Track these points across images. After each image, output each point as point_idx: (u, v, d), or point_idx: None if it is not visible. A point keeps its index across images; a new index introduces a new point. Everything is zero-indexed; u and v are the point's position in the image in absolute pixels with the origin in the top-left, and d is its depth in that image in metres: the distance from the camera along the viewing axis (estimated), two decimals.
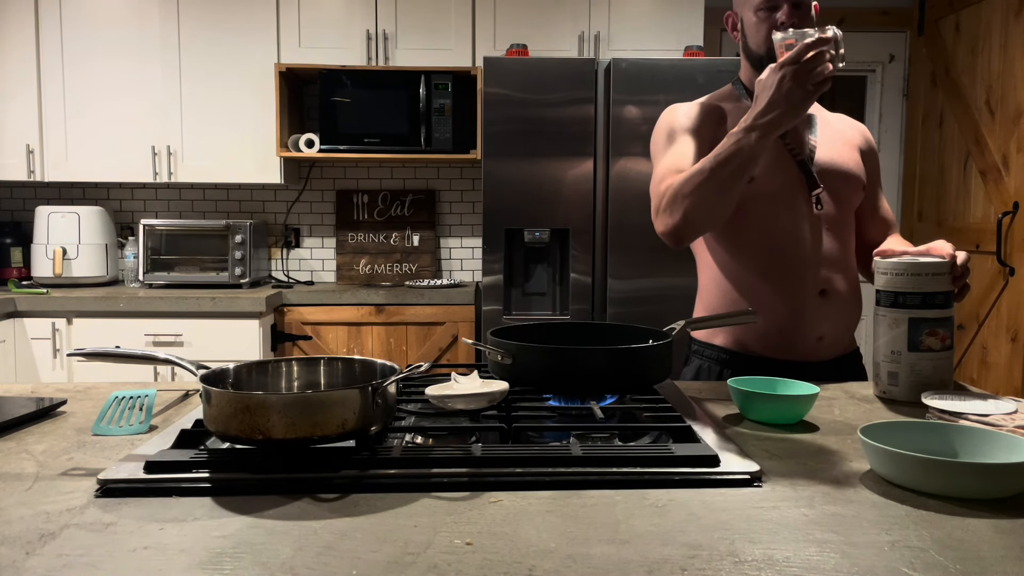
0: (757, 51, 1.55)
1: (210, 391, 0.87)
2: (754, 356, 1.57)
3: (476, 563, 0.66)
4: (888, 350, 1.29)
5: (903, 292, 1.27)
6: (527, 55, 3.04)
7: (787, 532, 0.73)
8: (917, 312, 1.26)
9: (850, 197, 1.59)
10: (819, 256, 1.54)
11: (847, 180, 1.57)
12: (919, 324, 1.26)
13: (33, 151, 3.38)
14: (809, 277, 1.53)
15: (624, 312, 3.02)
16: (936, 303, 1.26)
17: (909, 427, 0.95)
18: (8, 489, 0.85)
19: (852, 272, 1.61)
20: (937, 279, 1.26)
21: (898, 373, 1.28)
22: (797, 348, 1.54)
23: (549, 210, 3.03)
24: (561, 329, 1.38)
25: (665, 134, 1.61)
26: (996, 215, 3.32)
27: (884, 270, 1.30)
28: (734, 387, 1.17)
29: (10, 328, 3.08)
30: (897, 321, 1.28)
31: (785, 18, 1.49)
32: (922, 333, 1.26)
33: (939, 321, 1.26)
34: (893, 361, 1.28)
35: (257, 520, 0.75)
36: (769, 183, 1.54)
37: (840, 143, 1.61)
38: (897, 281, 1.28)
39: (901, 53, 4.01)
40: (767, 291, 1.54)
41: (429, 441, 1.02)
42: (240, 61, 3.40)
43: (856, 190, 1.59)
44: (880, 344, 1.31)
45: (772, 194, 1.54)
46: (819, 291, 1.54)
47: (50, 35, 3.36)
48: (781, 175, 1.55)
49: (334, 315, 3.25)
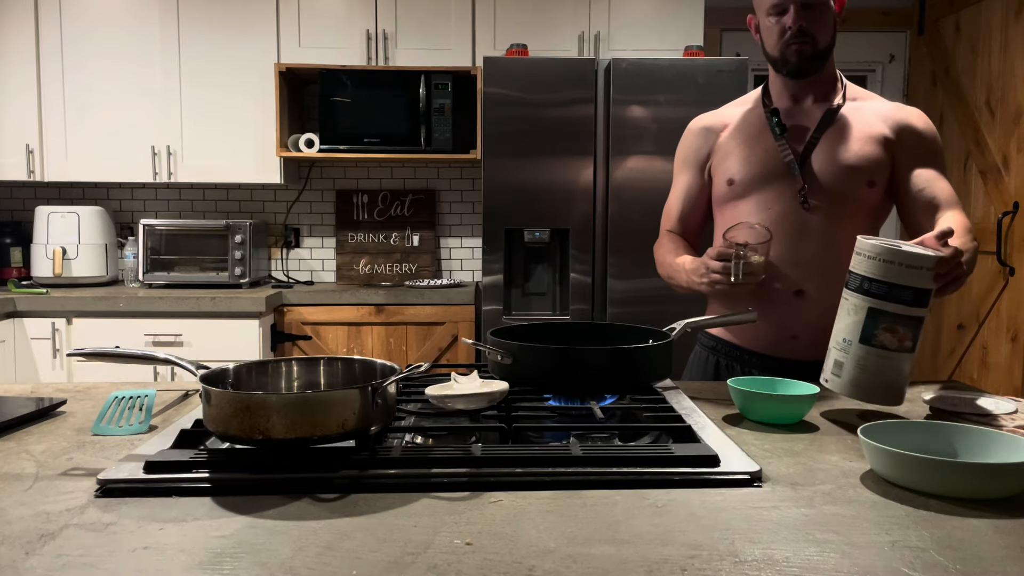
0: (772, 53, 1.55)
1: (210, 391, 0.87)
2: (741, 348, 1.61)
3: (476, 563, 0.66)
4: (841, 336, 1.17)
5: (869, 278, 1.14)
6: (527, 55, 3.04)
7: (787, 532, 0.73)
8: (878, 303, 1.13)
9: (849, 192, 1.54)
10: (798, 256, 1.53)
11: (845, 175, 1.54)
12: (877, 316, 1.13)
13: (33, 151, 3.38)
14: (784, 277, 1.54)
15: (624, 312, 3.02)
16: (903, 298, 1.12)
17: (909, 427, 0.95)
18: (8, 489, 0.84)
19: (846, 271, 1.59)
20: (911, 272, 1.11)
21: (843, 364, 1.16)
22: (773, 346, 1.58)
23: (549, 210, 3.03)
24: (561, 329, 1.38)
25: (678, 159, 1.75)
26: (996, 215, 3.32)
27: (859, 250, 1.17)
28: (734, 387, 1.17)
29: (10, 328, 3.08)
30: (857, 308, 1.15)
31: (791, 22, 1.49)
32: (878, 327, 1.13)
33: (901, 319, 1.12)
34: (842, 350, 1.16)
35: (257, 520, 0.75)
36: (751, 185, 1.57)
37: (851, 135, 1.56)
38: (867, 265, 1.14)
39: (901, 53, 4.01)
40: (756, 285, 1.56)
41: (429, 441, 1.02)
42: (240, 61, 3.40)
43: (857, 183, 1.54)
44: (836, 328, 1.19)
45: (754, 195, 1.57)
46: (794, 291, 1.53)
47: (50, 34, 3.36)
48: (765, 176, 1.56)
49: (334, 315, 3.25)
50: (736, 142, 1.62)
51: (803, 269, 1.53)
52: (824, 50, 1.53)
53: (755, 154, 1.57)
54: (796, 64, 1.53)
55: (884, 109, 1.60)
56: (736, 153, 1.60)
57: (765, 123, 1.60)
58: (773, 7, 1.51)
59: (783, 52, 1.53)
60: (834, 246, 1.53)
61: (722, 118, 1.68)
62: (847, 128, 1.57)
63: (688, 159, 1.70)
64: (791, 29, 1.50)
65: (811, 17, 1.50)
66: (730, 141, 1.63)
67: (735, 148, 1.61)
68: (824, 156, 1.55)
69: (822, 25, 1.51)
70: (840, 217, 1.54)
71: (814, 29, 1.50)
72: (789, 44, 1.51)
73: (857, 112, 1.58)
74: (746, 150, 1.59)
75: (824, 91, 1.59)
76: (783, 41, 1.52)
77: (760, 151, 1.57)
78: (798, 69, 1.54)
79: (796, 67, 1.53)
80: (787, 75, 1.56)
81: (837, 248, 1.53)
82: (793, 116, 1.59)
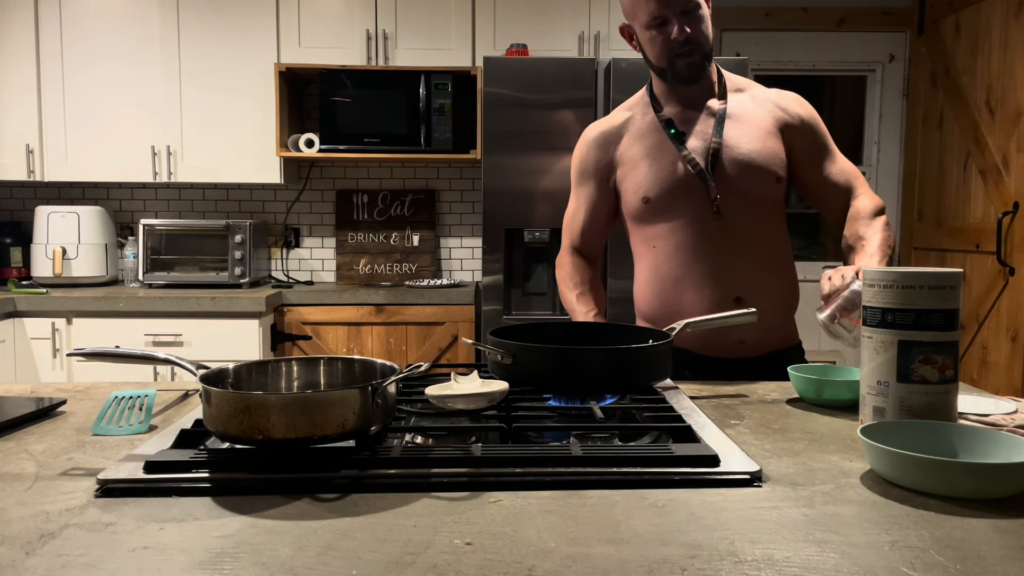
0: (658, 63, 1.53)
1: (210, 391, 0.87)
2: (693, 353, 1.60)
3: (476, 563, 0.66)
4: (874, 380, 1.05)
5: (892, 309, 1.02)
6: (527, 55, 3.04)
7: (787, 532, 0.73)
8: (908, 333, 1.01)
9: (761, 191, 1.53)
10: (730, 263, 1.52)
11: (753, 174, 1.52)
12: (910, 349, 1.01)
13: (33, 151, 3.38)
14: (721, 285, 1.53)
15: (624, 312, 3.02)
16: (933, 323, 1.00)
17: (909, 427, 0.95)
18: (8, 489, 0.84)
19: (779, 270, 1.57)
20: (936, 293, 1.00)
21: (885, 409, 1.04)
22: (723, 349, 1.58)
23: (549, 210, 3.03)
24: (561, 329, 1.38)
25: (576, 170, 1.71)
26: (996, 215, 3.32)
27: (870, 282, 1.05)
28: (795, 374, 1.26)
29: (10, 328, 3.08)
30: (884, 345, 1.03)
31: (677, 33, 1.46)
32: (914, 360, 1.01)
33: (937, 346, 1.01)
34: (879, 394, 1.04)
35: (257, 520, 0.75)
36: (667, 200, 1.55)
37: (749, 133, 1.54)
38: (885, 295, 1.02)
39: (901, 53, 4.01)
40: (685, 298, 1.56)
41: (429, 441, 1.02)
42: (240, 61, 3.40)
43: (767, 181, 1.53)
44: (865, 372, 1.07)
45: (671, 211, 1.55)
46: (734, 298, 1.53)
47: (50, 35, 3.36)
48: (677, 190, 1.54)
49: (334, 315, 3.24)
50: (639, 155, 1.59)
51: (736, 275, 1.53)
52: (709, 52, 1.52)
53: (663, 168, 1.55)
54: (687, 75, 1.51)
55: (768, 98, 1.59)
56: (643, 167, 1.57)
57: (662, 131, 1.57)
58: (653, 19, 1.48)
59: (671, 63, 1.51)
60: (757, 247, 1.53)
61: (616, 126, 1.64)
62: (743, 127, 1.55)
63: (587, 171, 1.67)
64: (677, 40, 1.47)
65: (692, 24, 1.47)
66: (632, 153, 1.60)
67: (640, 161, 1.58)
68: (730, 160, 1.53)
69: (703, 29, 1.49)
70: (755, 217, 1.54)
71: (698, 36, 1.48)
72: (676, 56, 1.49)
73: (745, 107, 1.57)
74: (653, 164, 1.56)
75: (710, 88, 1.57)
76: (670, 53, 1.49)
77: (667, 164, 1.55)
78: (688, 79, 1.52)
79: (687, 77, 1.52)
80: (677, 84, 1.55)
81: (760, 248, 1.54)
82: (687, 122, 1.57)
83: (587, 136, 1.68)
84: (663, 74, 1.55)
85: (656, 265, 1.60)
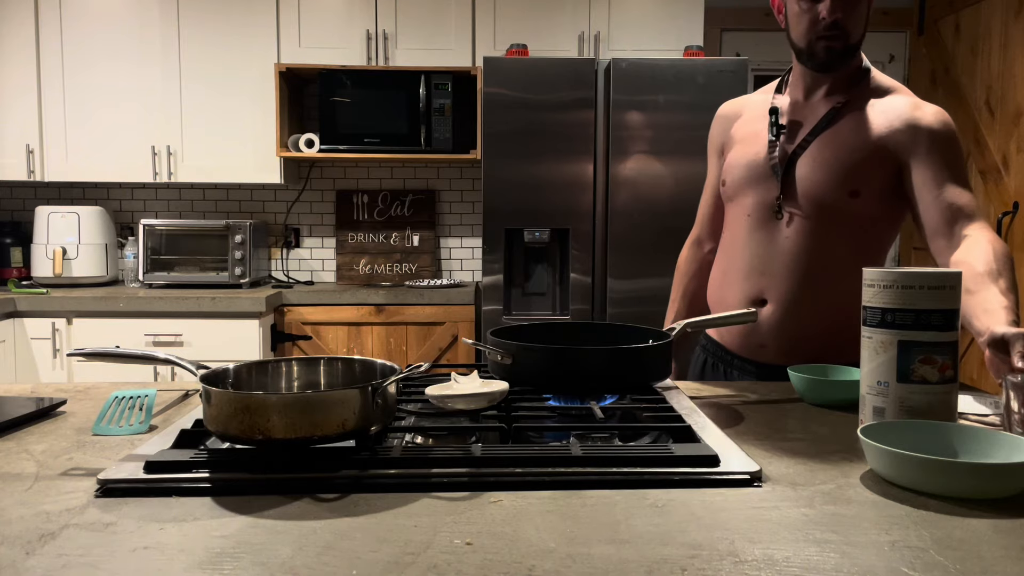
0: (798, 42, 1.43)
1: (210, 391, 0.87)
2: (725, 349, 1.61)
3: (476, 563, 0.66)
4: (874, 380, 1.05)
5: (892, 309, 1.02)
6: (527, 55, 3.04)
7: (787, 532, 0.73)
8: (908, 333, 1.01)
9: (827, 201, 1.43)
10: (772, 265, 1.47)
11: (824, 184, 1.43)
12: (910, 349, 1.01)
13: (33, 151, 3.38)
14: (751, 284, 1.50)
15: (624, 312, 3.02)
16: (932, 323, 1.01)
17: (909, 427, 0.95)
18: (8, 489, 0.84)
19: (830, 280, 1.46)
20: (935, 294, 1.01)
21: (884, 409, 1.04)
22: (748, 350, 1.56)
23: (549, 210, 3.03)
24: (561, 329, 1.38)
25: (708, 147, 1.72)
26: (996, 215, 3.32)
27: (870, 282, 1.05)
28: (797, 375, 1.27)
29: (10, 328, 3.08)
30: (884, 345, 1.03)
31: (826, 13, 1.36)
32: (914, 360, 1.01)
33: (937, 346, 1.01)
34: (879, 394, 1.04)
35: (257, 520, 0.75)
36: (738, 187, 1.53)
37: (845, 139, 1.43)
38: (885, 296, 1.03)
39: (901, 53, 4.01)
40: (727, 291, 1.56)
41: (429, 441, 1.02)
42: (240, 61, 3.40)
43: (837, 194, 1.42)
44: (865, 372, 1.07)
45: (738, 199, 1.54)
46: (759, 300, 1.49)
47: (50, 35, 3.36)
48: (750, 180, 1.51)
49: (334, 315, 3.25)
50: (742, 136, 1.56)
51: (768, 279, 1.48)
52: (855, 45, 1.41)
53: (748, 156, 1.52)
54: (824, 60, 1.42)
55: (897, 107, 1.43)
56: (738, 150, 1.55)
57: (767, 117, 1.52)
58: None
59: (811, 45, 1.40)
60: (805, 258, 1.44)
61: (740, 106, 1.62)
62: (844, 130, 1.44)
63: (712, 147, 1.68)
64: (824, 21, 1.37)
65: (847, 8, 1.36)
66: (740, 133, 1.57)
67: (739, 144, 1.56)
68: (809, 161, 1.45)
69: (857, 18, 1.38)
70: (817, 228, 1.44)
71: (848, 23, 1.37)
72: (819, 38, 1.39)
73: (864, 111, 1.44)
74: (745, 149, 1.53)
75: (842, 84, 1.47)
76: (813, 33, 1.39)
77: (753, 152, 1.51)
78: (826, 65, 1.43)
79: (824, 63, 1.42)
80: (812, 68, 1.45)
81: (809, 260, 1.44)
82: (797, 111, 1.49)
83: (718, 112, 1.68)
84: (800, 55, 1.45)
85: (721, 250, 1.61)
